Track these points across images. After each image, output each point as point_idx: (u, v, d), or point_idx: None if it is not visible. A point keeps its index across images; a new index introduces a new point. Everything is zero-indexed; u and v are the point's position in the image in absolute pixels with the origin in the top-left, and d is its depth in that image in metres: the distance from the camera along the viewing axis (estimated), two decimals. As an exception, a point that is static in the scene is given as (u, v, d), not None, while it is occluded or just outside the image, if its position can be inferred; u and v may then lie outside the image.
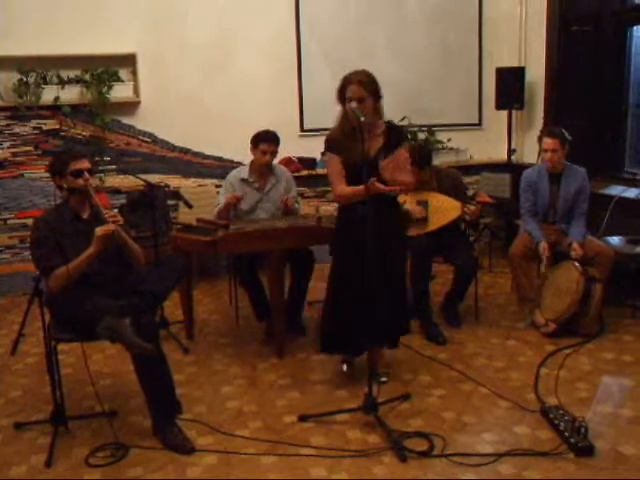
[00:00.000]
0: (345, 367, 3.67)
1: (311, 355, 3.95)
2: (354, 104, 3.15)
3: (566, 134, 4.27)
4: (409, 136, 2.90)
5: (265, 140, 4.24)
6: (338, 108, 3.34)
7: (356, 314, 3.33)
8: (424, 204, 4.22)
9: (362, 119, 3.04)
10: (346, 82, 3.24)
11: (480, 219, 4.59)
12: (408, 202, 4.27)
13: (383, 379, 3.51)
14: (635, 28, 5.43)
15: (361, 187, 3.10)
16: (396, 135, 3.33)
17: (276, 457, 2.86)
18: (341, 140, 3.30)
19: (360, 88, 3.19)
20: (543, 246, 4.21)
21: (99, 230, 3.03)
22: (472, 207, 4.10)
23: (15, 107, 5.19)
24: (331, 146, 3.35)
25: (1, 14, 5.11)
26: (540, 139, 4.35)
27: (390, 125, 3.36)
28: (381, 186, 3.09)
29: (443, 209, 4.16)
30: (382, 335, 3.41)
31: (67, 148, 5.23)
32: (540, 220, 4.39)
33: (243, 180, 4.35)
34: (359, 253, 3.19)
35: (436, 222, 4.18)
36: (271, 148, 4.25)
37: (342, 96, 3.27)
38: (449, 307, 4.44)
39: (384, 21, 6.05)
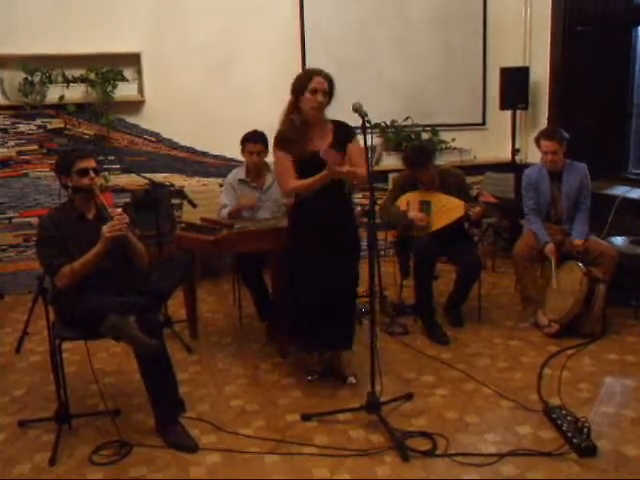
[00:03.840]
0: (310, 378, 3.65)
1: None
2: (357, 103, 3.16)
3: (563, 133, 4.26)
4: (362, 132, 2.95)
5: (250, 140, 4.26)
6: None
7: (315, 313, 3.45)
8: (426, 204, 4.21)
9: (367, 117, 3.04)
10: (311, 74, 3.32)
11: (483, 219, 4.59)
12: (411, 205, 4.26)
13: (351, 380, 3.55)
14: (639, 28, 5.42)
15: (322, 174, 3.18)
16: (344, 132, 3.39)
17: (279, 456, 2.87)
18: (290, 137, 3.34)
19: (326, 83, 3.31)
20: (549, 248, 4.20)
21: (107, 231, 3.03)
22: (477, 208, 4.08)
23: (20, 106, 5.21)
24: (280, 144, 3.37)
25: (6, 13, 5.13)
26: (538, 142, 4.33)
27: (337, 123, 3.42)
28: (342, 168, 3.14)
29: (446, 209, 4.15)
30: (338, 336, 3.53)
31: (72, 147, 5.25)
32: (543, 219, 4.39)
33: (241, 181, 4.37)
34: (324, 251, 3.37)
35: (439, 222, 4.17)
36: (257, 148, 4.26)
37: (301, 88, 3.31)
38: (452, 307, 4.44)
39: (388, 22, 6.04)
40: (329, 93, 3.35)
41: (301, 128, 3.35)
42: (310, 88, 3.29)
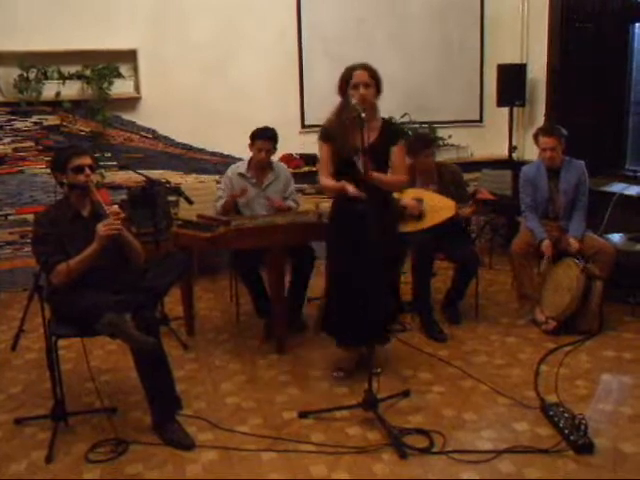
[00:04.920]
0: (338, 374, 3.63)
1: (311, 352, 3.95)
2: (354, 100, 3.16)
3: (562, 130, 4.27)
4: (409, 133, 2.92)
5: (260, 137, 4.24)
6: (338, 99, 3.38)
7: (354, 311, 3.37)
8: (419, 202, 4.21)
9: (363, 115, 3.02)
10: (351, 69, 3.30)
11: (475, 215, 4.60)
12: (404, 198, 4.27)
13: (378, 370, 3.52)
14: (637, 25, 5.42)
15: (340, 184, 3.23)
16: (392, 133, 3.34)
17: (276, 453, 2.86)
18: (335, 130, 3.32)
19: (366, 73, 3.26)
20: (546, 245, 4.20)
21: (102, 230, 3.02)
22: (467, 209, 4.10)
23: (16, 103, 5.18)
24: (324, 135, 3.39)
25: (2, 10, 5.10)
26: (536, 138, 4.33)
27: (387, 122, 3.38)
28: (379, 176, 3.17)
29: (437, 208, 4.16)
30: (377, 333, 3.44)
31: (68, 144, 5.23)
32: (541, 216, 4.38)
33: (241, 175, 4.37)
34: (357, 251, 3.24)
35: (429, 220, 4.17)
36: (266, 146, 4.25)
37: (344, 85, 3.30)
38: (450, 304, 4.43)
39: (385, 18, 6.03)
40: (375, 86, 3.29)
41: (348, 123, 3.25)
42: (351, 84, 3.27)
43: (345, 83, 3.30)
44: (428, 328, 4.18)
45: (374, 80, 3.28)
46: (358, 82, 3.25)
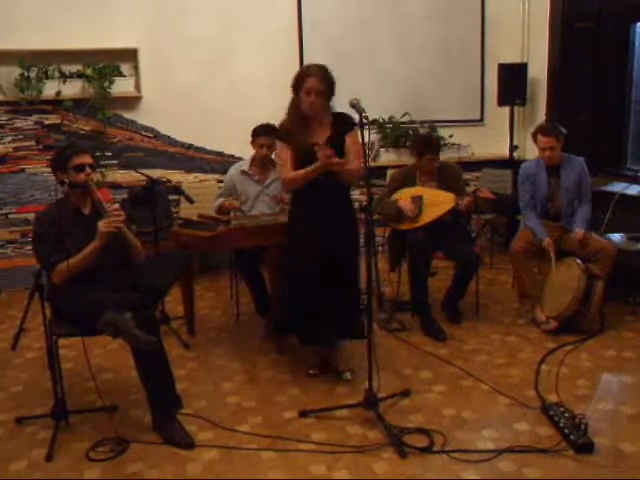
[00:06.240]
0: (311, 371, 3.67)
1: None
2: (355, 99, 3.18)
3: (560, 128, 4.26)
4: (364, 123, 2.97)
5: (261, 134, 4.26)
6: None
7: (308, 304, 3.48)
8: (418, 199, 4.21)
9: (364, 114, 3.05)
10: (304, 74, 3.35)
11: (474, 213, 4.60)
12: (402, 198, 4.27)
13: (347, 376, 3.56)
14: (638, 25, 5.41)
15: (313, 166, 3.27)
16: (342, 124, 3.39)
17: (276, 453, 2.87)
18: (289, 130, 3.40)
19: (318, 81, 3.30)
20: (548, 242, 4.20)
21: (103, 226, 3.03)
22: (466, 199, 4.12)
23: (17, 102, 5.19)
24: (281, 136, 3.47)
25: (3, 9, 5.11)
26: (535, 137, 4.33)
27: (336, 116, 3.42)
28: (331, 161, 3.22)
29: (437, 202, 4.16)
30: (332, 330, 3.53)
31: (69, 143, 5.23)
32: (541, 215, 4.38)
33: (243, 172, 4.38)
34: (310, 247, 3.39)
35: (431, 214, 4.17)
36: (268, 142, 4.25)
37: (297, 87, 3.36)
38: (450, 303, 4.43)
39: (386, 17, 6.03)
40: (327, 91, 3.33)
41: (300, 121, 3.39)
42: (304, 88, 3.32)
43: (299, 82, 3.34)
44: (427, 327, 4.18)
45: (327, 88, 3.32)
46: (310, 89, 3.30)
